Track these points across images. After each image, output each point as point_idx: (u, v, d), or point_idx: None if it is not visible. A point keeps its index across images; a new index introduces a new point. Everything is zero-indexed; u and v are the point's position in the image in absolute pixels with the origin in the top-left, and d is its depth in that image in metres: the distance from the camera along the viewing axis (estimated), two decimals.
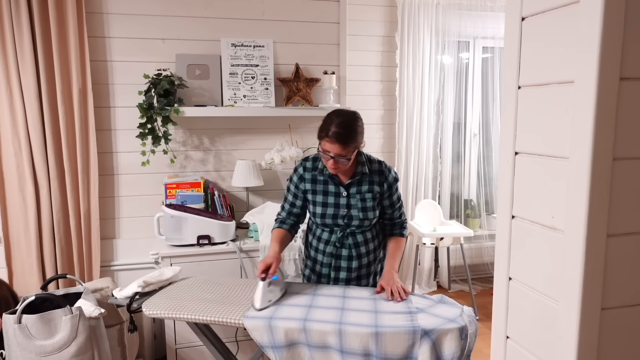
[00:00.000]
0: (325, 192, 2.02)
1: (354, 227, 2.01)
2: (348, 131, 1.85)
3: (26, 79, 2.65)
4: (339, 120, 1.86)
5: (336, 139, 1.83)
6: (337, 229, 2.03)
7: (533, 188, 0.92)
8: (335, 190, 2.01)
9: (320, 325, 1.65)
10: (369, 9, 3.41)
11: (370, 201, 1.99)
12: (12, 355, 1.92)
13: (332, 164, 1.90)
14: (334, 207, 2.01)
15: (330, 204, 2.01)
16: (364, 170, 1.99)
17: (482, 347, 2.95)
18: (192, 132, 3.08)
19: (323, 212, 2.02)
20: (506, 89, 0.97)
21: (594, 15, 0.75)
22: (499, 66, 3.89)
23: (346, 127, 1.85)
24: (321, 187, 2.02)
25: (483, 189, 4.01)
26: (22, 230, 2.76)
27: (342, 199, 2.00)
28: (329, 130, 1.85)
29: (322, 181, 2.02)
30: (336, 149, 1.85)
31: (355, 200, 1.99)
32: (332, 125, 1.85)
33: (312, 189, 2.04)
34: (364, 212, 1.99)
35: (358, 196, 1.99)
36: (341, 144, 1.84)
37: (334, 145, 1.85)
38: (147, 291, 2.01)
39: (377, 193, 2.01)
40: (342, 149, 1.85)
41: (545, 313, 0.90)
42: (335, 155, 1.86)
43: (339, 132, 1.83)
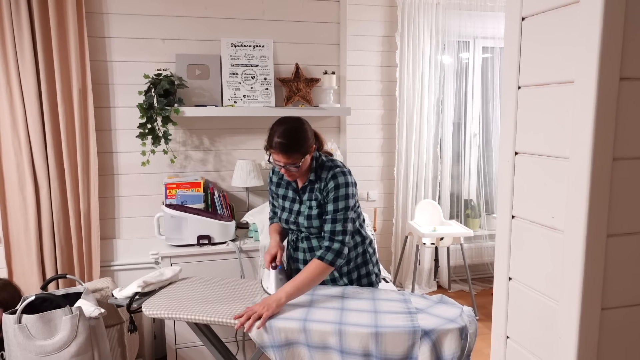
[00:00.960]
0: (285, 197, 2.05)
1: (306, 233, 2.00)
2: (291, 140, 1.83)
3: (26, 79, 2.65)
4: (281, 130, 1.84)
5: (280, 149, 1.83)
6: (296, 231, 2.04)
7: (533, 188, 0.92)
8: (293, 195, 2.03)
9: (320, 326, 1.65)
10: (369, 9, 3.41)
11: (315, 209, 1.94)
12: (12, 355, 1.92)
13: (285, 172, 1.91)
14: (288, 212, 2.03)
15: (286, 209, 2.04)
16: (311, 177, 1.96)
17: (482, 347, 2.95)
18: (192, 132, 3.08)
19: (282, 216, 2.05)
20: (506, 89, 0.97)
21: (594, 15, 0.75)
22: (499, 66, 3.89)
23: (289, 137, 1.83)
24: (283, 191, 2.06)
25: (483, 189, 4.01)
26: (22, 230, 2.76)
27: (295, 204, 2.01)
28: (272, 141, 1.85)
29: (284, 185, 2.06)
30: (283, 159, 1.85)
31: (305, 207, 1.98)
32: (275, 135, 1.84)
33: (276, 192, 2.10)
34: (309, 220, 1.95)
35: (307, 203, 1.97)
36: (285, 153, 1.83)
37: (279, 155, 1.84)
38: (147, 291, 2.01)
39: (319, 201, 1.94)
40: (288, 157, 1.84)
41: (545, 313, 0.90)
42: (284, 164, 1.86)
43: (282, 143, 1.82)
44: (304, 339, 1.66)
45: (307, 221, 1.95)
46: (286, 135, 1.83)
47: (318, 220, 1.95)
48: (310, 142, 1.90)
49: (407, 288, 3.67)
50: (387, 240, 3.72)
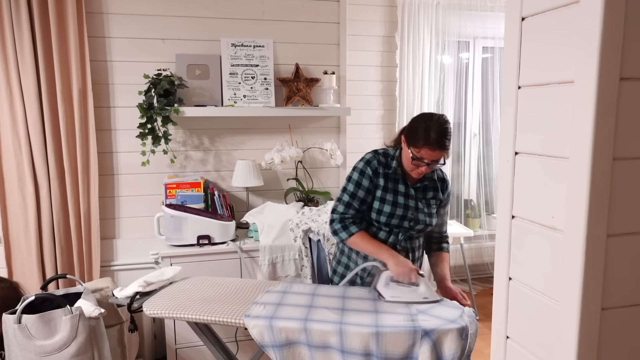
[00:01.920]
0: (396, 191, 1.92)
1: (415, 232, 1.97)
2: (448, 136, 1.80)
3: (26, 79, 2.65)
4: (437, 126, 1.79)
5: (438, 145, 1.77)
6: (398, 230, 1.95)
7: (533, 188, 0.92)
8: (405, 190, 1.93)
9: (320, 325, 1.65)
10: (369, 9, 3.41)
11: (434, 207, 1.98)
12: (12, 355, 1.92)
13: (426, 170, 1.85)
14: (403, 208, 1.92)
15: (400, 204, 1.92)
16: (434, 176, 1.98)
17: (482, 347, 2.95)
18: (192, 132, 3.08)
19: (392, 212, 1.90)
20: (506, 89, 0.97)
21: (594, 15, 0.75)
22: (499, 66, 3.89)
23: (445, 133, 1.79)
24: (392, 185, 1.93)
25: (483, 189, 4.01)
26: (22, 230, 2.76)
27: (411, 200, 1.94)
28: (429, 137, 1.77)
29: (393, 179, 1.94)
30: (435, 156, 1.80)
31: (423, 205, 1.95)
32: (432, 131, 1.77)
33: (384, 186, 1.92)
34: (430, 217, 1.97)
35: (424, 201, 1.96)
36: (442, 149, 1.79)
37: (435, 152, 1.78)
38: (147, 291, 2.01)
39: (439, 200, 1.99)
40: (441, 154, 1.81)
41: (545, 313, 0.90)
42: (432, 162, 1.81)
43: (440, 139, 1.77)
44: (304, 338, 1.66)
45: (429, 218, 1.97)
46: (443, 132, 1.79)
47: (435, 219, 2.01)
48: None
49: None
50: None
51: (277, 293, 1.94)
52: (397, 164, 1.93)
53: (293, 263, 2.71)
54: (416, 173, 1.87)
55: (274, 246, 2.68)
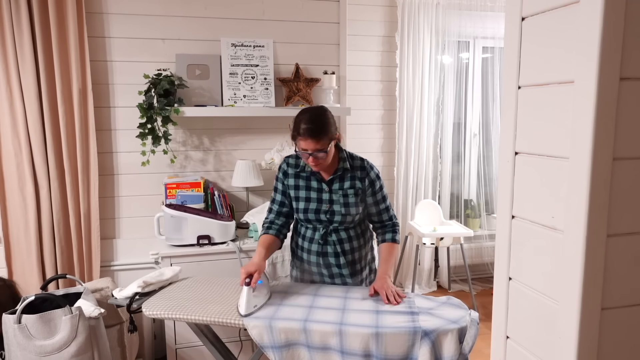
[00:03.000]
0: (308, 187, 2.02)
1: (337, 224, 2.00)
2: (318, 124, 1.86)
3: (26, 79, 2.65)
4: (307, 116, 1.89)
5: (308, 134, 1.84)
6: (320, 225, 2.02)
7: (533, 188, 0.92)
8: (318, 185, 2.01)
9: (320, 326, 1.65)
10: (369, 9, 3.41)
11: (352, 197, 1.98)
12: (12, 355, 1.92)
13: (312, 161, 1.90)
14: (317, 202, 2.00)
15: (313, 199, 2.01)
16: (345, 165, 1.99)
17: (482, 347, 2.95)
18: (192, 132, 3.08)
19: (305, 207, 2.01)
20: (506, 89, 0.97)
21: (594, 15, 0.75)
22: (499, 66, 3.89)
23: (315, 121, 1.87)
24: (304, 182, 2.03)
25: (483, 189, 4.01)
26: (22, 230, 2.76)
27: (325, 194, 1.99)
28: (300, 128, 1.87)
29: (305, 177, 2.03)
30: (311, 145, 1.86)
31: (338, 196, 1.98)
32: (302, 122, 1.87)
33: (295, 184, 2.04)
34: (346, 208, 1.98)
35: (340, 192, 1.99)
36: (314, 138, 1.85)
37: (307, 141, 1.86)
38: (147, 291, 2.01)
39: (359, 189, 2.00)
40: (317, 142, 1.85)
41: (545, 313, 0.90)
42: (313, 151, 1.87)
43: (310, 128, 1.85)
44: (304, 339, 1.66)
45: (345, 208, 1.97)
46: (313, 120, 1.87)
47: (355, 208, 1.99)
48: (335, 127, 1.94)
49: (407, 288, 3.67)
50: None
51: (277, 293, 1.94)
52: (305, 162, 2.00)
53: (289, 264, 2.71)
54: (312, 165, 1.93)
55: None
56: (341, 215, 1.98)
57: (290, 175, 2.05)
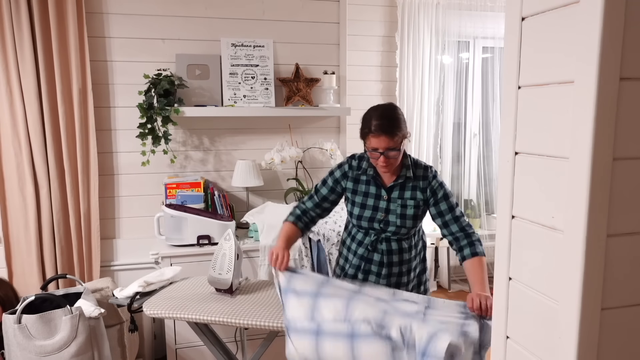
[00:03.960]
0: (366, 194, 1.92)
1: (389, 233, 1.90)
2: (391, 120, 1.77)
3: (26, 79, 2.65)
4: (379, 112, 1.79)
5: (382, 130, 1.75)
6: (372, 232, 1.92)
7: (533, 188, 0.92)
8: (376, 192, 1.90)
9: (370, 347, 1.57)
10: (369, 9, 3.41)
11: (411, 209, 1.87)
12: (12, 355, 1.92)
13: (383, 161, 1.79)
14: (372, 210, 1.90)
15: (369, 206, 1.90)
16: (408, 173, 1.88)
17: None
18: (192, 132, 3.08)
19: (360, 214, 1.91)
20: (506, 89, 0.97)
21: (594, 15, 0.75)
22: (499, 66, 3.89)
23: (388, 117, 1.77)
24: (362, 187, 1.93)
25: (483, 189, 4.01)
26: (22, 230, 2.76)
27: (382, 202, 1.89)
28: (371, 124, 1.76)
29: (364, 181, 1.92)
30: (384, 142, 1.76)
31: (395, 206, 1.88)
32: (373, 119, 1.77)
33: (352, 188, 1.94)
34: (402, 219, 1.87)
35: (399, 201, 1.88)
36: (388, 134, 1.75)
37: (380, 138, 1.75)
38: (147, 291, 2.02)
39: (420, 200, 1.88)
40: (390, 140, 1.75)
41: (545, 313, 0.90)
42: (385, 150, 1.77)
43: (382, 124, 1.75)
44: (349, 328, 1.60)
45: (401, 220, 1.87)
46: (386, 116, 1.77)
47: (412, 221, 1.89)
48: (406, 124, 1.84)
49: None
50: None
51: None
52: (368, 164, 1.92)
53: (293, 263, 2.71)
54: (380, 167, 1.83)
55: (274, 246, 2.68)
56: (396, 226, 1.88)
57: (351, 177, 1.95)
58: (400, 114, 1.83)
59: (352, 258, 1.99)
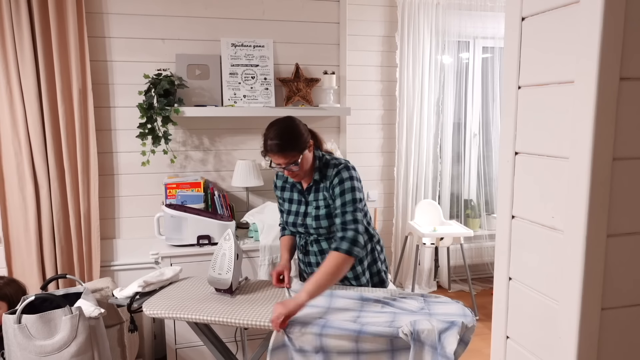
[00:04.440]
0: (291, 200, 2.03)
1: (315, 235, 1.96)
2: (285, 138, 1.82)
3: (26, 79, 2.65)
4: (274, 131, 1.84)
5: (276, 150, 1.82)
6: (301, 235, 2.02)
7: (533, 188, 0.92)
8: (298, 197, 2.00)
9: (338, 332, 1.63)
10: (369, 9, 3.41)
11: (323, 209, 1.91)
12: (12, 355, 1.92)
13: (288, 174, 1.90)
14: (294, 215, 1.99)
15: (292, 212, 2.01)
16: (315, 176, 1.94)
17: (482, 347, 2.95)
18: (192, 132, 3.08)
19: (287, 220, 2.04)
20: (506, 89, 0.97)
21: (594, 15, 0.75)
22: (499, 66, 3.89)
23: (282, 136, 1.83)
24: (288, 194, 2.04)
25: (483, 189, 4.01)
26: (22, 230, 2.76)
27: (302, 206, 1.98)
28: (267, 144, 1.85)
29: (288, 188, 2.04)
30: (280, 159, 1.84)
31: (311, 208, 1.94)
32: (269, 138, 1.84)
33: (282, 197, 2.07)
34: (317, 221, 1.92)
35: (314, 203, 1.94)
36: (282, 153, 1.82)
37: (277, 156, 1.84)
38: (147, 291, 2.01)
39: (327, 199, 1.91)
40: (286, 157, 1.82)
41: (545, 313, 0.90)
42: (285, 165, 1.84)
43: (277, 143, 1.82)
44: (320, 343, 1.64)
45: (315, 222, 1.92)
46: (279, 135, 1.83)
47: (327, 221, 1.91)
48: (305, 138, 1.87)
49: (407, 288, 3.67)
50: (387, 240, 3.72)
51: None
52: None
53: (293, 263, 2.71)
54: (291, 177, 1.92)
55: (274, 246, 2.68)
56: (313, 228, 1.93)
57: (279, 187, 2.08)
58: (295, 129, 1.85)
59: (299, 263, 2.13)
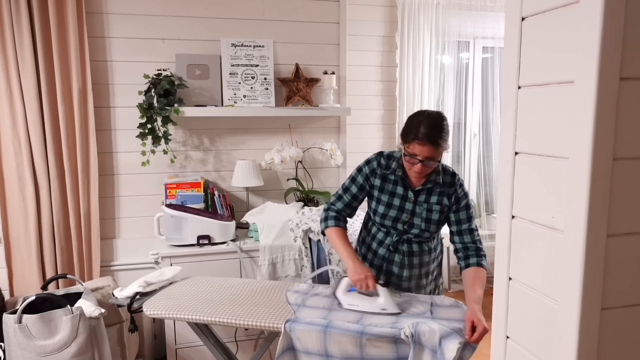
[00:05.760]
0: (392, 193, 1.90)
1: (412, 235, 1.90)
2: (439, 131, 1.72)
3: (26, 79, 2.65)
4: (428, 121, 1.73)
5: (428, 140, 1.70)
6: (394, 232, 1.92)
7: (533, 188, 0.92)
8: (404, 193, 1.89)
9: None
10: (369, 9, 3.41)
11: (436, 213, 1.88)
12: (12, 355, 1.92)
13: (420, 168, 1.77)
14: (398, 210, 1.89)
15: (395, 206, 1.89)
16: (438, 179, 1.86)
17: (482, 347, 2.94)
18: (192, 132, 3.08)
19: (385, 213, 1.90)
20: (506, 89, 0.97)
21: (594, 15, 0.75)
22: (499, 66, 3.89)
23: (436, 127, 1.72)
24: (390, 186, 1.91)
25: (483, 189, 4.01)
26: (22, 230, 2.76)
27: (408, 204, 1.88)
28: (419, 131, 1.72)
29: (392, 180, 1.90)
30: (427, 152, 1.72)
31: (421, 209, 1.88)
32: (422, 125, 1.72)
33: (380, 186, 1.92)
34: (427, 223, 1.88)
35: (425, 205, 1.87)
36: (433, 145, 1.71)
37: (424, 147, 1.72)
38: (147, 291, 2.02)
39: (445, 206, 1.88)
40: (434, 150, 1.73)
41: (545, 313, 0.90)
42: (425, 158, 1.74)
43: (430, 133, 1.70)
44: None
45: (425, 224, 1.87)
46: (434, 126, 1.72)
47: (436, 226, 1.89)
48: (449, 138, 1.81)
49: None
50: None
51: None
52: (397, 165, 1.90)
53: (293, 263, 2.71)
54: (413, 172, 1.82)
55: (274, 246, 2.68)
56: (420, 229, 1.88)
57: (379, 175, 1.93)
58: (447, 125, 1.78)
59: (372, 258, 1.98)
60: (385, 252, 1.95)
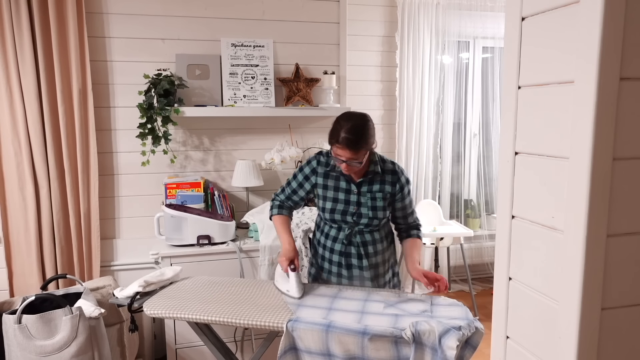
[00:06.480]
0: (337, 188, 2.01)
1: (362, 226, 2.00)
2: (358, 136, 1.82)
3: (26, 79, 2.65)
4: (349, 125, 1.83)
5: (347, 145, 1.82)
6: (345, 226, 2.01)
7: (533, 188, 0.92)
8: (347, 187, 1.99)
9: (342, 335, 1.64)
10: (369, 9, 3.41)
11: (380, 200, 1.98)
12: (12, 355, 1.92)
13: (345, 167, 1.89)
14: (344, 204, 1.99)
15: (341, 200, 1.99)
16: (377, 169, 1.98)
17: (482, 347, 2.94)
18: (192, 132, 3.08)
19: (333, 207, 2.00)
20: (506, 89, 0.97)
21: (594, 15, 0.75)
22: (499, 66, 3.89)
23: (356, 132, 1.83)
24: (333, 182, 2.01)
25: (483, 189, 4.01)
26: (22, 230, 2.76)
27: (353, 196, 1.99)
28: (339, 136, 1.83)
29: (334, 177, 2.01)
30: (349, 154, 1.84)
31: (366, 199, 1.98)
32: (342, 130, 1.83)
33: (323, 184, 2.02)
34: (374, 211, 1.98)
35: (369, 195, 1.98)
36: (352, 149, 1.82)
37: (345, 150, 1.83)
38: (148, 291, 2.02)
39: (387, 193, 1.99)
40: (354, 153, 1.83)
41: (545, 313, 0.90)
42: (347, 160, 1.85)
43: (349, 138, 1.81)
44: None
45: (372, 212, 1.98)
46: (354, 132, 1.82)
47: (382, 212, 1.99)
48: (373, 140, 1.92)
49: (407, 288, 3.67)
50: None
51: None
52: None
53: None
54: (344, 169, 1.92)
55: (274, 246, 2.68)
56: (368, 218, 1.98)
57: (320, 174, 2.04)
58: (369, 128, 1.88)
59: (330, 256, 2.07)
60: (341, 246, 2.03)
